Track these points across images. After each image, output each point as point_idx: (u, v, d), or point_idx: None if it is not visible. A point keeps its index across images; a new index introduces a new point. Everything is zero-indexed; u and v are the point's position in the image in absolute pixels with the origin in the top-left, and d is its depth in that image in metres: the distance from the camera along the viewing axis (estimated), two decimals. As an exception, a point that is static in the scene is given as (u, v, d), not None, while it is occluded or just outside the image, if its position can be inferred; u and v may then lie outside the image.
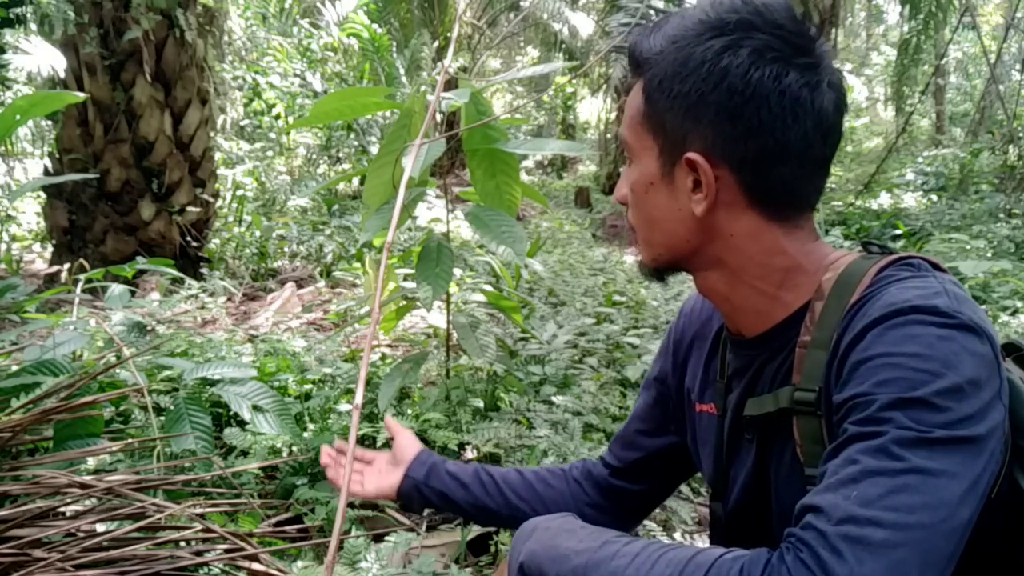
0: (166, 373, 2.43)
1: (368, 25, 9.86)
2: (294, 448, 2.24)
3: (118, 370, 2.30)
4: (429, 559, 1.67)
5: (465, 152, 2.16)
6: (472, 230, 4.43)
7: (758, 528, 0.91)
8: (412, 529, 2.02)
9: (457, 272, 4.06)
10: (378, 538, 1.80)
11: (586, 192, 12.36)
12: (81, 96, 2.42)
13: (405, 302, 2.67)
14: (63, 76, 5.41)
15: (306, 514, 1.99)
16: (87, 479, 1.66)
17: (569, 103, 16.43)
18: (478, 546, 1.95)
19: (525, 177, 12.82)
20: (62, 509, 1.62)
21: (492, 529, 1.95)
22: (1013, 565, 0.79)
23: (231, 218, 6.91)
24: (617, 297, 4.42)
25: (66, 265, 4.47)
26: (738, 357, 0.95)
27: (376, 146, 8.94)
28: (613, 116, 13.91)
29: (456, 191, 2.88)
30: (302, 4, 12.00)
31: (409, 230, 6.52)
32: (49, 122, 6.65)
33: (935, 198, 9.37)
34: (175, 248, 5.67)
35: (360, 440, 2.27)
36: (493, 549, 1.89)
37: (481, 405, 2.57)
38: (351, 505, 1.96)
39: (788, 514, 0.72)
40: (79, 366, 2.16)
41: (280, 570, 1.55)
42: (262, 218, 6.64)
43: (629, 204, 0.94)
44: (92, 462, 1.95)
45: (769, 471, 0.90)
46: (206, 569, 1.58)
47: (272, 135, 9.82)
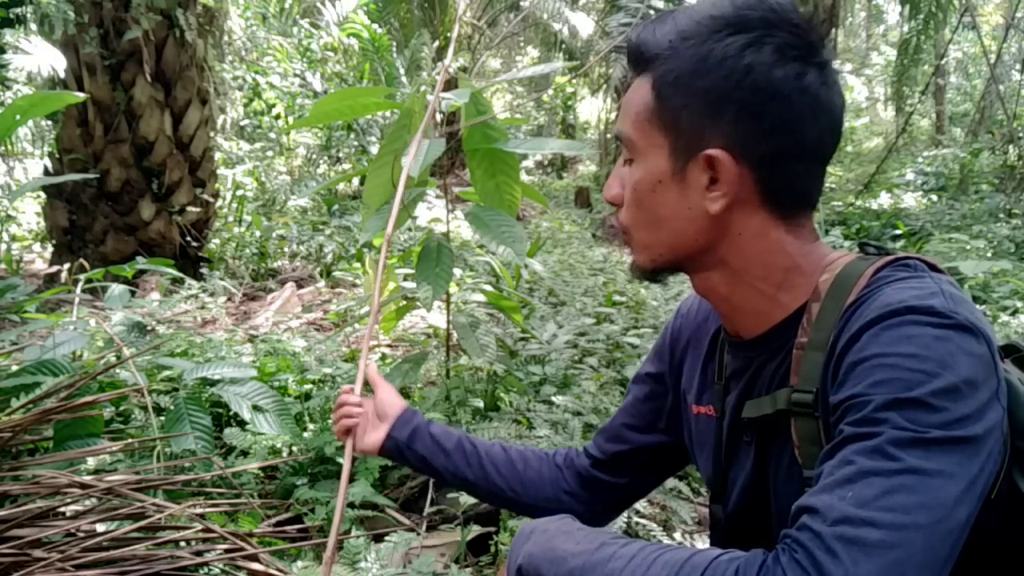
0: (166, 373, 2.43)
1: (368, 25, 9.86)
2: (294, 448, 2.24)
3: (118, 370, 2.30)
4: (429, 559, 1.67)
5: (465, 152, 2.16)
6: (472, 230, 4.43)
7: (758, 530, 0.91)
8: (412, 529, 2.02)
9: (457, 272, 4.06)
10: (378, 538, 1.80)
11: (586, 192, 12.36)
12: (81, 96, 2.42)
13: (405, 302, 2.67)
14: (63, 76, 5.41)
15: (306, 514, 1.99)
16: (87, 479, 1.66)
17: (569, 103, 16.43)
18: (478, 546, 1.95)
19: (525, 177, 12.82)
20: (62, 509, 1.62)
21: (492, 529, 1.96)
22: (1013, 568, 0.79)
23: (231, 218, 6.91)
24: (617, 297, 4.42)
25: (66, 265, 4.48)
26: (736, 358, 0.94)
27: (376, 146, 8.94)
28: (613, 116, 13.92)
29: (456, 191, 2.88)
30: (302, 4, 12.00)
31: (409, 230, 6.53)
32: (49, 122, 6.65)
33: (935, 198, 9.37)
34: (175, 248, 5.68)
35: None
36: (493, 549, 1.89)
37: (481, 405, 2.57)
38: (351, 505, 1.96)
39: (787, 516, 0.71)
40: (79, 366, 2.17)
41: (280, 570, 1.55)
42: (262, 218, 6.64)
43: (626, 204, 0.91)
44: (92, 462, 1.95)
45: (768, 473, 0.89)
46: (206, 569, 1.58)
47: (272, 135, 9.83)
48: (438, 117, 2.11)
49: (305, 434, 2.31)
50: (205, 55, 6.09)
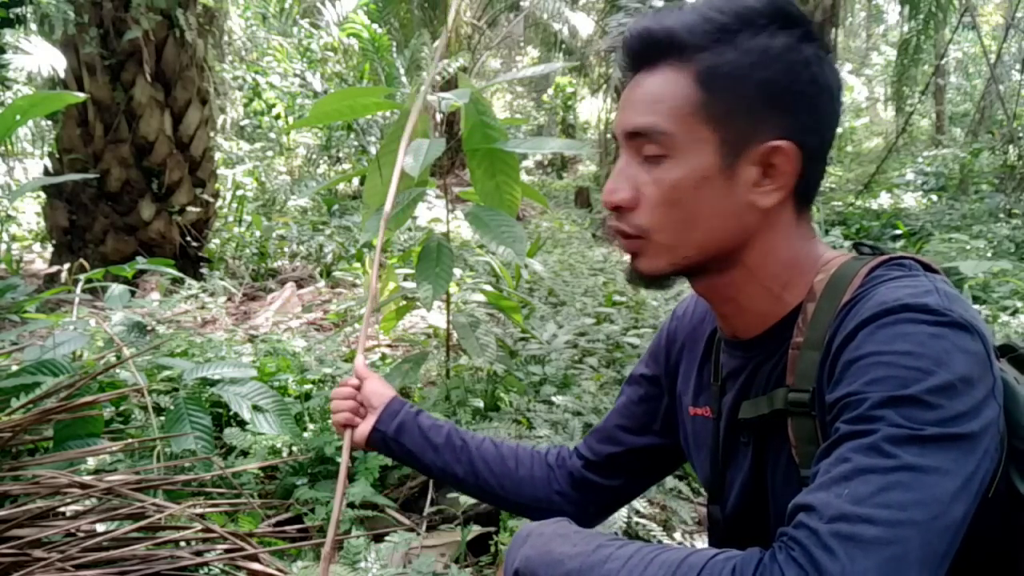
0: (166, 373, 2.43)
1: (368, 25, 9.85)
2: (294, 448, 2.24)
3: (118, 370, 2.30)
4: (429, 559, 1.67)
5: (465, 152, 2.16)
6: (472, 230, 4.43)
7: (757, 531, 0.91)
8: (412, 529, 2.02)
9: (457, 272, 4.06)
10: (378, 538, 1.80)
11: (586, 192, 12.36)
12: (81, 96, 2.42)
13: (405, 302, 2.67)
14: (63, 76, 5.41)
15: (306, 514, 1.99)
16: (87, 479, 1.66)
17: (569, 103, 16.42)
18: (478, 546, 1.95)
19: (525, 177, 12.82)
20: (62, 509, 1.62)
21: (492, 529, 1.96)
22: (1012, 567, 0.79)
23: (231, 218, 6.91)
24: (617, 297, 4.42)
25: (66, 265, 4.48)
26: (733, 359, 0.94)
27: (376, 146, 8.93)
28: (613, 116, 13.90)
29: (456, 191, 2.88)
30: (302, 4, 11.99)
31: (409, 230, 6.53)
32: (49, 122, 6.65)
33: (935, 198, 9.37)
34: (175, 248, 5.68)
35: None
36: (493, 549, 1.89)
37: (481, 405, 2.57)
38: (351, 505, 1.96)
39: (785, 516, 0.71)
40: (79, 366, 2.17)
41: (280, 570, 1.55)
42: (262, 218, 6.65)
43: (650, 205, 0.84)
44: (92, 462, 1.95)
45: (766, 474, 0.89)
46: (206, 569, 1.58)
47: (272, 135, 9.83)
48: (438, 117, 2.12)
49: (305, 434, 2.31)
50: (205, 55, 6.09)
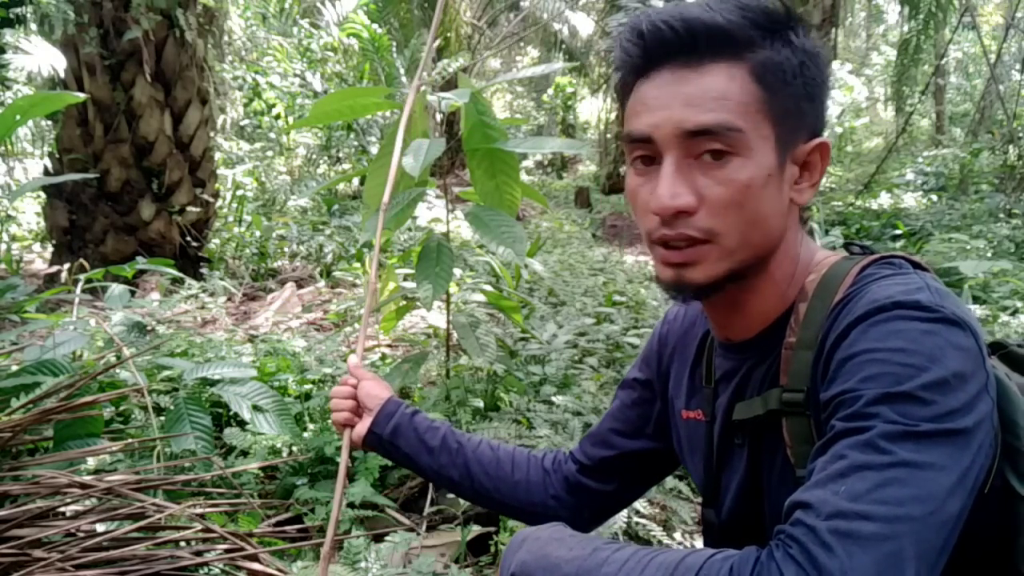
0: (166, 373, 2.43)
1: (368, 25, 9.85)
2: (294, 448, 2.24)
3: (118, 370, 2.30)
4: (429, 559, 1.67)
5: (465, 152, 2.16)
6: (472, 230, 4.43)
7: (753, 533, 0.91)
8: (412, 529, 2.02)
9: (457, 272, 4.06)
10: (378, 538, 1.80)
11: (586, 192, 12.36)
12: (81, 96, 2.42)
13: (405, 302, 2.67)
14: (63, 76, 5.41)
15: (306, 514, 1.99)
16: (87, 479, 1.66)
17: (569, 103, 16.42)
18: (478, 546, 1.96)
19: (525, 177, 12.82)
20: (62, 509, 1.62)
21: (492, 529, 1.96)
22: (1009, 563, 0.78)
23: (231, 218, 6.91)
24: (617, 297, 4.43)
25: (66, 265, 4.47)
26: (726, 361, 0.94)
27: (376, 146, 8.94)
28: (613, 116, 13.90)
29: (456, 191, 2.88)
30: (302, 4, 12.00)
31: (409, 230, 6.53)
32: (49, 122, 6.65)
33: (935, 198, 9.37)
34: (175, 248, 5.68)
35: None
36: (493, 549, 1.89)
37: (481, 405, 2.57)
38: (351, 505, 1.96)
39: (781, 517, 0.71)
40: (79, 366, 2.17)
41: (280, 570, 1.55)
42: (262, 218, 6.64)
43: (717, 206, 0.79)
44: (92, 462, 1.95)
45: (762, 475, 0.89)
46: (206, 569, 1.58)
47: (272, 135, 9.83)
48: (438, 117, 2.12)
49: (305, 434, 2.31)
50: (205, 55, 6.09)
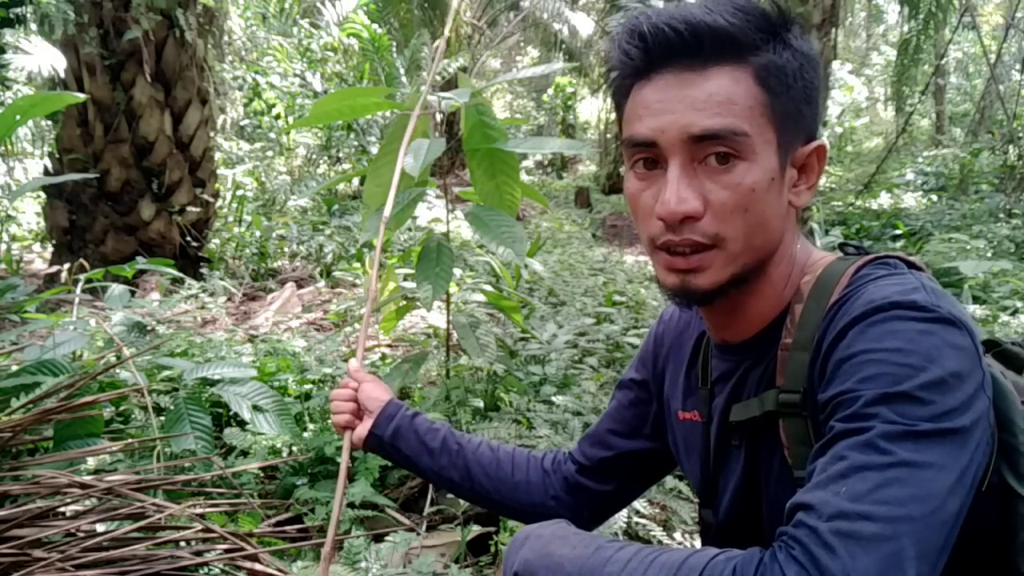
0: (166, 373, 2.43)
1: (368, 25, 9.85)
2: (294, 448, 2.24)
3: (118, 370, 2.30)
4: (429, 559, 1.67)
5: (465, 152, 2.16)
6: (472, 230, 4.43)
7: (750, 534, 0.91)
8: (412, 529, 2.02)
9: (457, 272, 4.06)
10: (378, 538, 1.80)
11: (586, 192, 12.37)
12: (81, 96, 2.42)
13: (405, 302, 2.67)
14: (63, 76, 5.41)
15: (306, 514, 1.99)
16: (87, 479, 1.66)
17: (569, 103, 16.42)
18: (478, 546, 1.96)
19: (525, 177, 12.82)
20: (62, 509, 1.62)
21: (492, 529, 1.95)
22: (1006, 561, 0.79)
23: (231, 218, 6.91)
24: (617, 297, 4.43)
25: (66, 265, 4.47)
26: (723, 362, 0.94)
27: (376, 146, 8.93)
28: (613, 116, 13.88)
29: (456, 191, 2.88)
30: (302, 4, 12.00)
31: (409, 230, 6.53)
32: (49, 122, 6.65)
33: (935, 198, 9.37)
34: (175, 248, 5.68)
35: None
36: (493, 549, 1.89)
37: (481, 405, 2.57)
38: (351, 505, 1.96)
39: (779, 518, 0.72)
40: (79, 366, 2.17)
41: (280, 570, 1.55)
42: (262, 218, 6.64)
43: (724, 211, 0.79)
44: (92, 462, 1.95)
45: (759, 476, 0.89)
46: (206, 569, 1.58)
47: (272, 135, 9.82)
48: (438, 117, 2.12)
49: (305, 434, 2.31)
50: (205, 55, 6.09)
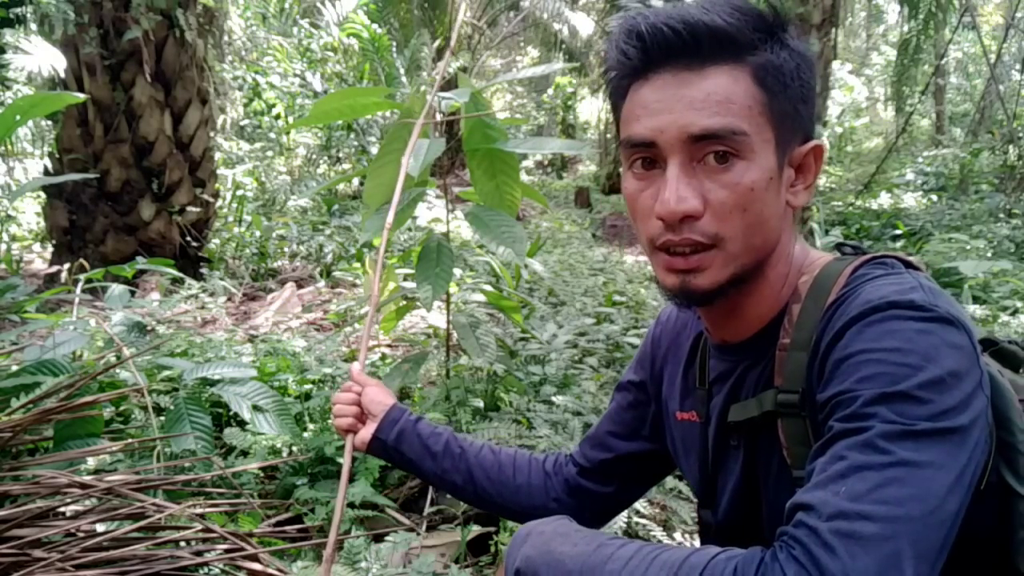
0: (166, 373, 2.43)
1: (368, 25, 9.85)
2: (294, 448, 2.24)
3: (118, 370, 2.30)
4: (429, 559, 1.67)
5: (465, 152, 2.16)
6: (472, 230, 4.43)
7: (749, 534, 0.91)
8: (412, 529, 2.02)
9: (457, 272, 4.07)
10: (378, 538, 1.80)
11: (586, 192, 12.37)
12: (81, 96, 2.42)
13: (405, 302, 2.67)
14: (63, 76, 5.40)
15: (306, 514, 1.99)
16: (87, 479, 1.66)
17: (569, 103, 16.42)
18: (478, 546, 1.95)
19: (525, 177, 12.82)
20: (62, 509, 1.62)
21: (492, 529, 1.96)
22: (1005, 559, 0.79)
23: (231, 218, 6.91)
24: (617, 297, 4.43)
25: (66, 265, 4.47)
26: (721, 363, 0.94)
27: (376, 146, 8.94)
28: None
29: (456, 191, 2.88)
30: (302, 4, 12.00)
31: (409, 230, 6.53)
32: (49, 122, 6.65)
33: (935, 198, 9.37)
34: (175, 248, 5.68)
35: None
36: (493, 549, 1.89)
37: (481, 405, 2.57)
38: (351, 505, 1.96)
39: (779, 519, 0.72)
40: (79, 366, 2.16)
41: (280, 570, 1.55)
42: (262, 218, 6.64)
43: (724, 210, 0.80)
44: (92, 462, 1.95)
45: (758, 476, 0.90)
46: (206, 569, 1.58)
47: (272, 135, 9.83)
48: (438, 117, 2.11)
49: (305, 434, 2.31)
50: (205, 55, 6.08)
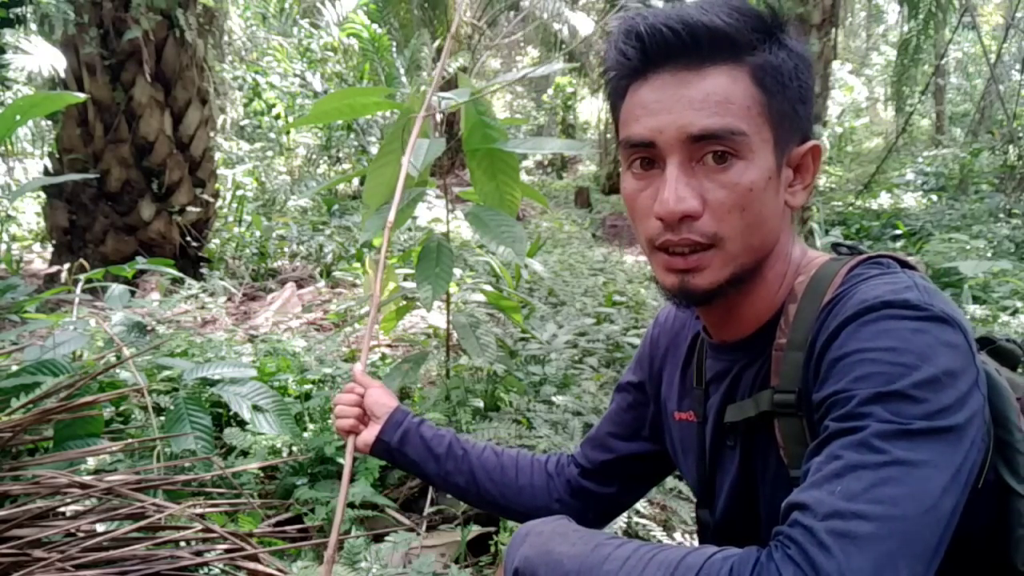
0: (166, 373, 2.43)
1: (368, 25, 9.85)
2: (294, 448, 2.24)
3: (118, 370, 2.30)
4: (429, 559, 1.67)
5: (465, 152, 2.16)
6: (472, 230, 4.43)
7: (747, 533, 0.91)
8: (412, 529, 2.02)
9: (457, 272, 4.06)
10: (378, 538, 1.80)
11: (586, 192, 12.36)
12: (81, 96, 2.42)
13: (405, 302, 2.67)
14: (63, 76, 5.40)
15: (306, 514, 1.99)
16: (87, 479, 1.66)
17: (569, 103, 16.42)
18: (478, 546, 1.96)
19: (525, 177, 12.83)
20: (62, 509, 1.62)
21: (492, 529, 1.96)
22: (1003, 558, 0.79)
23: (231, 218, 6.91)
24: (617, 297, 4.43)
25: (66, 265, 4.47)
26: (718, 362, 0.95)
27: (376, 146, 8.94)
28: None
29: (456, 191, 2.88)
30: (302, 4, 12.00)
31: (409, 230, 6.53)
32: (49, 122, 6.65)
33: (935, 198, 9.37)
34: (175, 248, 5.67)
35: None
36: (493, 549, 1.89)
37: (481, 405, 2.57)
38: (351, 505, 1.96)
39: (776, 518, 0.72)
40: (79, 366, 2.16)
41: (280, 570, 1.55)
42: (262, 218, 6.64)
43: (722, 210, 0.80)
44: (92, 462, 1.95)
45: (755, 476, 0.90)
46: (206, 569, 1.58)
47: (272, 135, 9.83)
48: (438, 117, 2.11)
49: (305, 434, 2.31)
50: (205, 55, 6.08)
